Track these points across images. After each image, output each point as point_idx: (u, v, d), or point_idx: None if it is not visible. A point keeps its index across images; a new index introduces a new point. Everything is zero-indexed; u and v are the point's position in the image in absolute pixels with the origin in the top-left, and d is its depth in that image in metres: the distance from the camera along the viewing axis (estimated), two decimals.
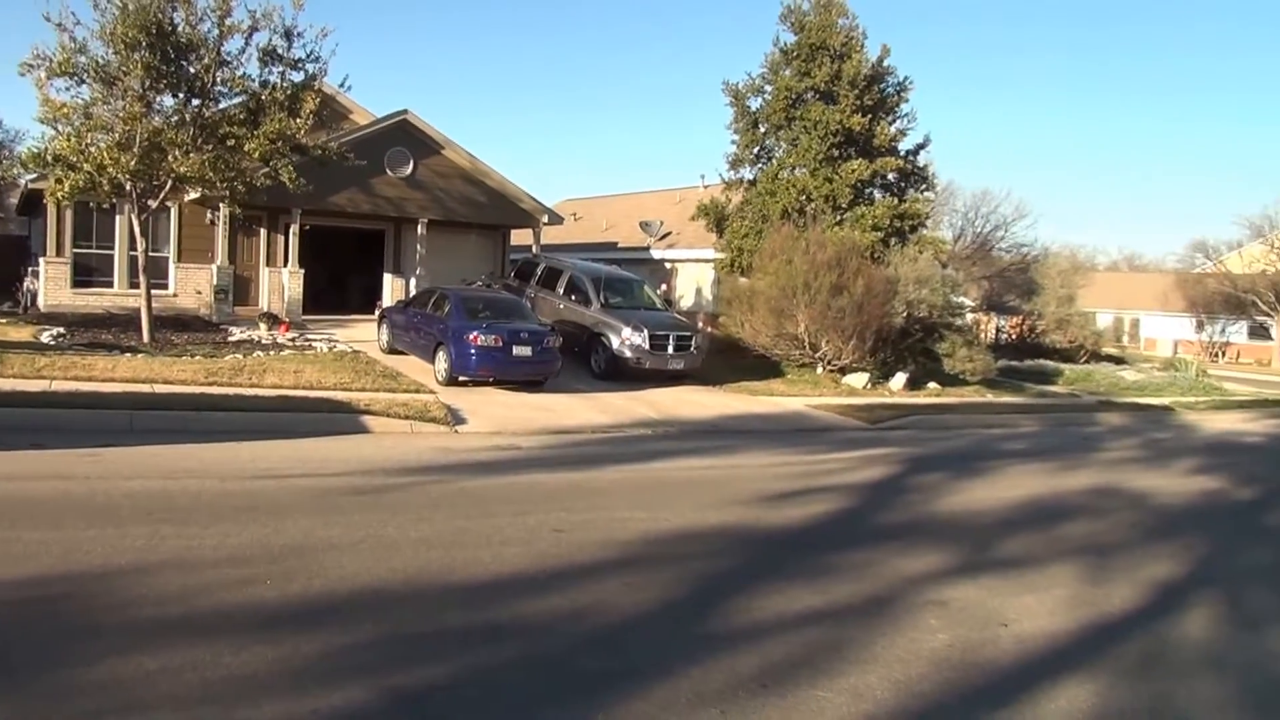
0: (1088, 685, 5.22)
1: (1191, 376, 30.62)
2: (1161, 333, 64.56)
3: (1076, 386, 26.60)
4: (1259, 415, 24.17)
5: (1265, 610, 7.05)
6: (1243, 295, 56.63)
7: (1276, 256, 55.48)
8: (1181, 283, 63.24)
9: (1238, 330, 61.48)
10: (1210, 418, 22.62)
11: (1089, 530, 9.32)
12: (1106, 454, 15.13)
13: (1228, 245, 62.63)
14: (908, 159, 25.22)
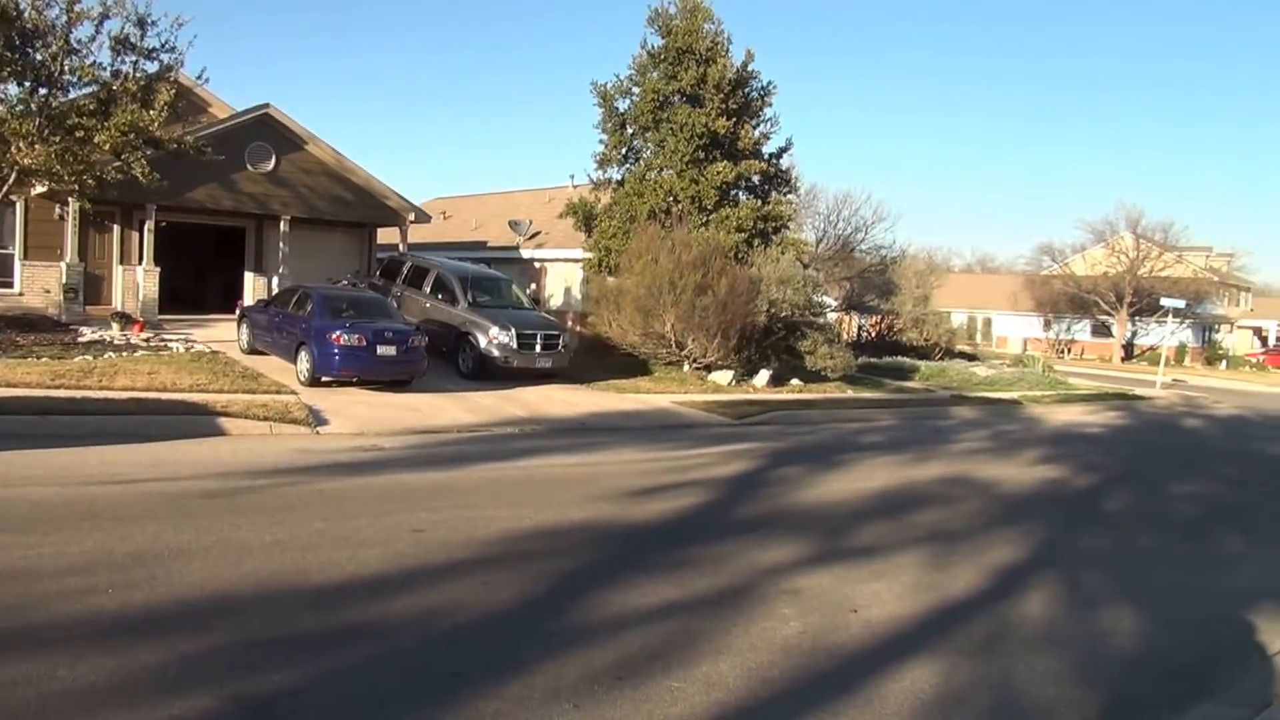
0: (931, 666, 5.46)
1: (1039, 372, 32.32)
2: (1012, 331, 67.80)
3: (931, 382, 27.70)
4: (1100, 408, 25.64)
5: (1099, 590, 7.46)
6: (1086, 296, 60.02)
7: (1117, 260, 58.92)
8: (1030, 284, 66.64)
9: (1082, 328, 65.06)
10: (1055, 411, 23.88)
11: (938, 518, 9.72)
12: (957, 446, 15.81)
13: (1072, 249, 66.23)
14: (771, 162, 25.75)
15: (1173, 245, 61.32)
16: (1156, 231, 61.12)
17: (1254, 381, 47.76)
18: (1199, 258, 65.95)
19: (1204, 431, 21.83)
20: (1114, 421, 22.32)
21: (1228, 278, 71.52)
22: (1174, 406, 28.44)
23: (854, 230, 41.03)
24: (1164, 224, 62.21)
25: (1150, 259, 58.57)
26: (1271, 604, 7.28)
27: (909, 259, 42.75)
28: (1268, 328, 78.91)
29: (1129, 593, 7.40)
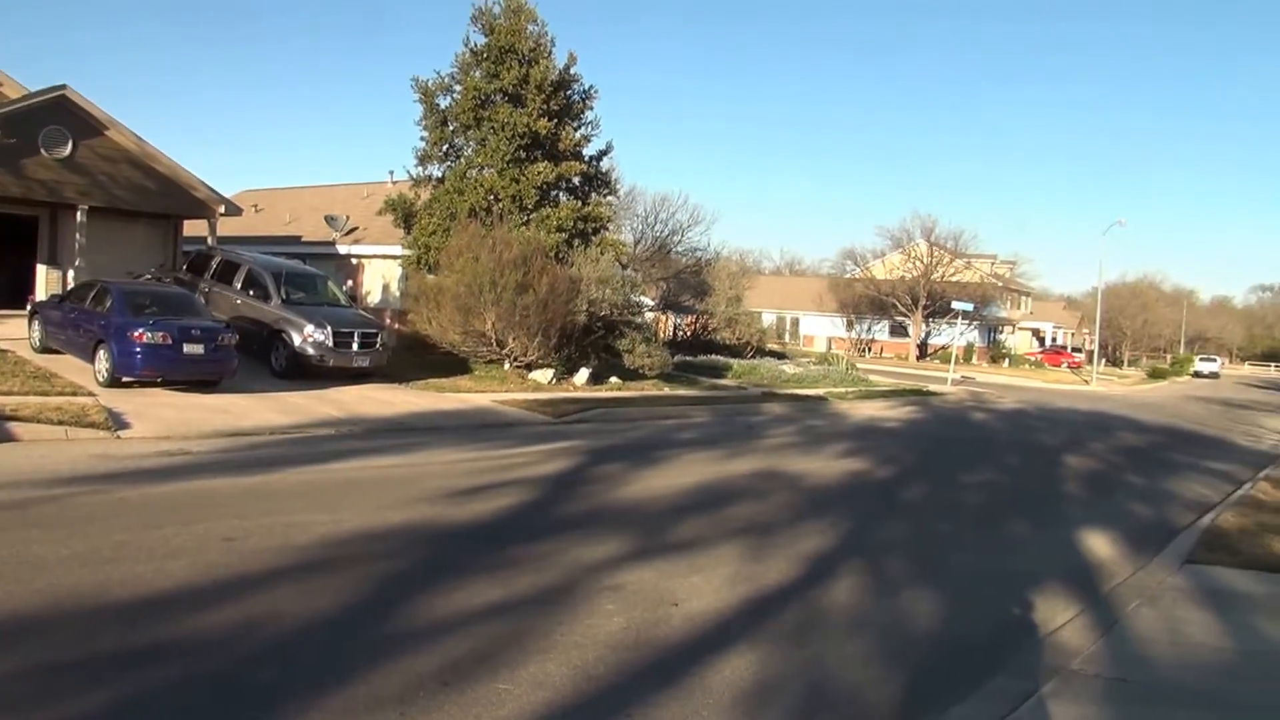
0: (749, 655, 5.69)
1: (842, 370, 33.90)
2: (818, 330, 70.78)
3: (744, 380, 28.63)
4: (898, 403, 27.15)
5: (901, 575, 7.92)
6: (885, 298, 63.35)
7: (912, 265, 62.44)
8: (834, 286, 69.86)
9: (881, 328, 68.63)
10: (857, 406, 25.11)
11: (752, 512, 10.07)
12: (769, 441, 16.40)
13: (873, 254, 69.78)
14: (592, 164, 25.97)
15: (963, 252, 65.52)
16: (948, 239, 65.15)
17: (1033, 378, 51.72)
18: (986, 264, 70.70)
19: (990, 424, 23.44)
20: (911, 416, 23.67)
21: (1011, 283, 77.05)
22: (964, 402, 30.40)
23: (671, 232, 41.94)
24: (955, 232, 66.40)
25: (942, 265, 62.43)
26: (1053, 582, 7.95)
27: (723, 261, 43.97)
28: (1045, 329, 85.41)
29: (927, 576, 7.90)
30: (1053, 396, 37.54)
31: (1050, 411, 29.01)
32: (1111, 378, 60.71)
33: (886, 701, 5.24)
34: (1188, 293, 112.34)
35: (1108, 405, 34.39)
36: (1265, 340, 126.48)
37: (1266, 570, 8.38)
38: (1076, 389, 45.75)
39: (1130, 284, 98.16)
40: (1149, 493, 13.71)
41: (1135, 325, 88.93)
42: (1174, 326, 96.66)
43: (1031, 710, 4.96)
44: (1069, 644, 6.19)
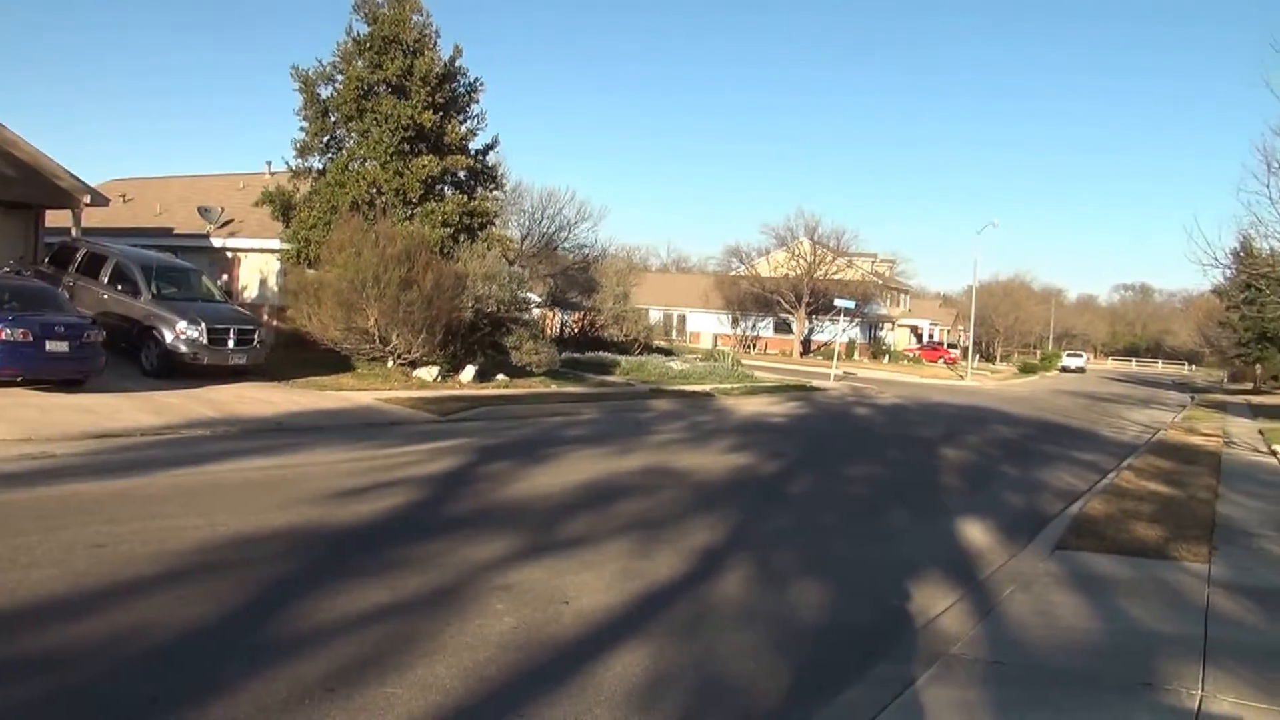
0: (641, 650, 5.71)
1: (728, 366, 34.33)
2: (704, 327, 71.56)
3: (632, 376, 28.74)
4: (782, 399, 27.65)
5: (788, 567, 8.06)
6: (769, 295, 64.43)
7: (796, 263, 63.66)
8: (720, 284, 70.72)
9: (766, 325, 69.80)
10: (743, 402, 25.48)
11: (641, 508, 10.11)
12: (657, 437, 16.50)
13: (757, 251, 70.85)
14: (478, 158, 25.68)
15: (845, 251, 67.18)
16: (830, 238, 66.68)
17: (912, 373, 53.43)
18: (867, 263, 72.64)
19: (871, 419, 24.08)
20: (795, 411, 24.13)
21: (890, 281, 79.30)
22: (846, 397, 31.14)
23: (558, 228, 41.84)
24: (837, 231, 67.99)
25: (825, 263, 63.85)
26: (932, 570, 8.21)
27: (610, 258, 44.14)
28: (923, 326, 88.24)
29: (813, 568, 8.06)
30: (930, 391, 38.81)
31: (928, 406, 29.94)
32: (985, 373, 63.08)
33: (776, 691, 5.33)
34: (1056, 291, 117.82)
35: (982, 399, 35.70)
36: (1127, 336, 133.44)
37: (1130, 554, 8.81)
38: (952, 384, 47.41)
39: (1003, 283, 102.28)
40: (1021, 483, 14.28)
41: (1007, 322, 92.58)
42: (1043, 323, 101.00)
43: (913, 695, 5.09)
44: (948, 630, 6.39)
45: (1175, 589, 7.61)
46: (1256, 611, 7.05)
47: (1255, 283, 26.22)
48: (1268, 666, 5.68)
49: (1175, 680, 5.40)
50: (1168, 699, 5.14)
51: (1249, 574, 8.25)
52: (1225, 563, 8.59)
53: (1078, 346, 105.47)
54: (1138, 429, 26.54)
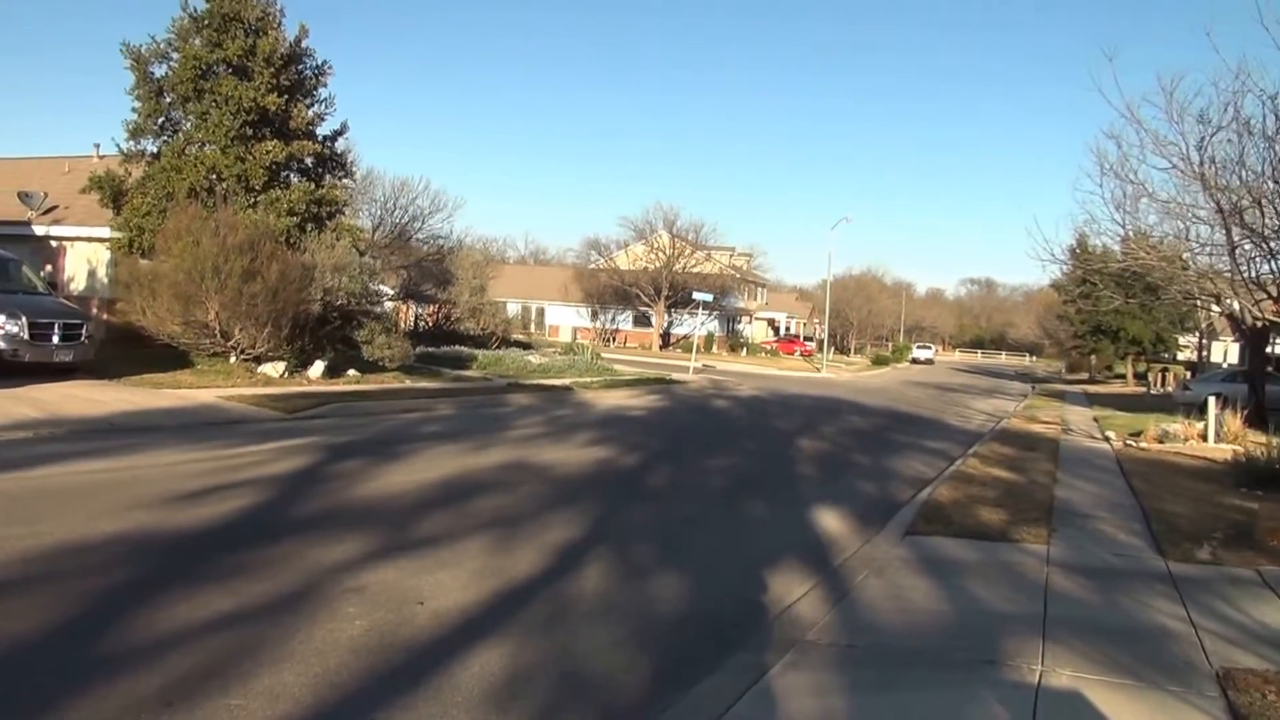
0: (499, 649, 5.57)
1: (588, 359, 34.28)
2: (563, 320, 71.44)
3: (489, 371, 28.37)
4: (642, 392, 27.78)
5: (648, 560, 8.04)
6: (629, 288, 64.77)
7: (655, 256, 64.17)
8: (579, 276, 70.64)
9: (625, 318, 70.20)
10: (603, 395, 25.47)
11: (499, 504, 9.93)
12: (516, 432, 16.29)
13: (616, 244, 71.10)
14: (326, 144, 24.85)
15: (703, 244, 68.13)
16: (689, 231, 67.49)
17: (769, 366, 54.63)
18: (725, 256, 73.88)
19: (730, 411, 24.46)
20: (655, 404, 24.27)
21: (748, 275, 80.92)
22: (705, 389, 31.56)
23: (412, 219, 40.92)
24: (696, 224, 68.86)
25: (684, 256, 64.59)
26: (789, 559, 8.33)
27: (466, 249, 43.45)
28: (780, 319, 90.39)
29: (673, 560, 8.08)
30: (787, 383, 39.72)
31: (785, 397, 30.61)
32: (840, 364, 64.99)
33: (636, 684, 5.28)
34: (906, 285, 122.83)
35: (836, 391, 36.76)
36: (973, 329, 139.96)
37: (976, 538, 9.17)
38: (808, 376, 48.67)
39: (856, 276, 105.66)
40: (874, 471, 14.71)
41: (861, 315, 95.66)
42: (895, 316, 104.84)
43: (769, 682, 5.15)
44: (804, 617, 6.48)
45: (1017, 570, 7.94)
46: (1090, 588, 7.42)
47: (1090, 278, 27.77)
48: (1101, 640, 5.97)
49: (1017, 656, 5.62)
50: (1010, 675, 5.34)
51: (1084, 553, 8.68)
52: (1062, 543, 9.03)
53: (927, 339, 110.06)
54: (983, 418, 27.77)
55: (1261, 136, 10.58)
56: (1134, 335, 54.65)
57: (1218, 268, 14.81)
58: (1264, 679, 5.32)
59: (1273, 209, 10.33)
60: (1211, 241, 13.50)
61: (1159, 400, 35.52)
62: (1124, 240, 17.59)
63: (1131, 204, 15.45)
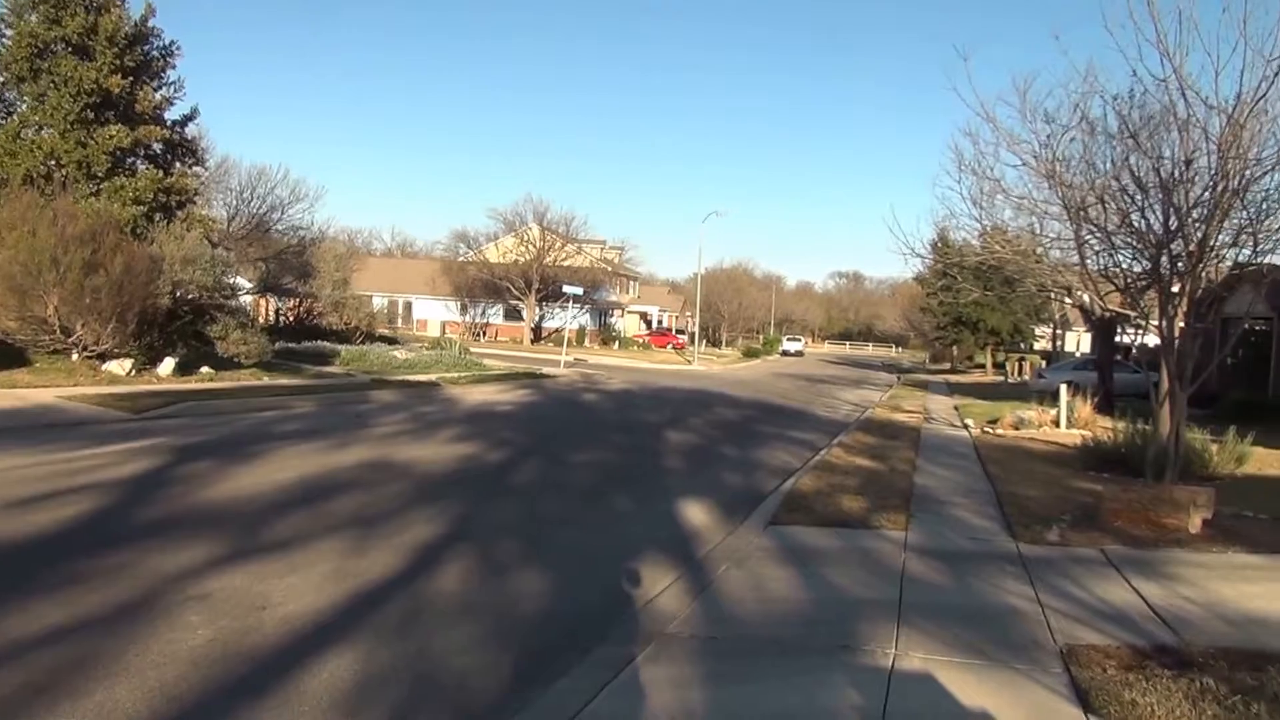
0: (350, 654, 5.39)
1: (456, 354, 33.84)
2: (431, 314, 70.24)
3: (353, 366, 27.69)
4: (511, 387, 27.53)
5: (510, 557, 7.92)
6: (499, 281, 64.12)
7: (526, 249, 63.70)
8: (448, 269, 69.55)
9: (496, 312, 69.53)
10: (471, 390, 25.12)
11: (358, 504, 9.65)
12: (378, 429, 15.90)
13: (486, 236, 70.31)
14: (175, 130, 23.79)
15: (574, 237, 67.98)
16: (560, 224, 67.27)
17: (641, 359, 54.98)
18: (596, 249, 73.87)
19: (600, 405, 24.44)
20: (524, 399, 24.06)
21: (620, 268, 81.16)
22: (575, 383, 31.49)
23: (270, 209, 39.51)
24: (566, 217, 68.64)
25: (555, 249, 64.32)
26: (654, 552, 8.33)
27: (329, 241, 42.29)
28: (652, 312, 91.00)
29: (536, 556, 7.99)
30: (659, 376, 39.96)
31: (656, 390, 30.76)
32: (711, 357, 65.86)
33: (494, 684, 5.18)
34: (777, 278, 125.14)
35: (707, 383, 37.16)
36: (841, 321, 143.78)
37: (837, 526, 9.35)
38: (680, 368, 49.12)
39: (727, 270, 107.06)
40: (741, 462, 14.89)
41: (732, 308, 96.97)
42: (765, 309, 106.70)
43: (629, 676, 5.12)
44: (666, 609, 6.47)
45: (875, 556, 8.13)
46: (945, 572, 7.65)
47: (950, 271, 28.72)
48: (952, 622, 6.15)
49: (872, 641, 5.74)
50: (864, 659, 5.45)
51: (940, 538, 8.95)
52: (920, 529, 9.29)
53: (797, 331, 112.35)
54: (849, 408, 28.48)
55: (1104, 136, 11.07)
56: (993, 326, 57.12)
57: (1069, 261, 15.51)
58: (1105, 654, 5.56)
59: (1115, 206, 10.79)
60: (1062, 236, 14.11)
61: (1016, 388, 37.10)
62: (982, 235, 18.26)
63: (988, 200, 16.03)
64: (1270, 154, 9.71)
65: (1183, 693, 4.90)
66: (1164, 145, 10.24)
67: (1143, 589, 7.12)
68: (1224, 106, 9.53)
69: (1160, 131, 10.30)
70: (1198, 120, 9.77)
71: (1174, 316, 10.28)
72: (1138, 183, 10.51)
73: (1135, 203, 10.63)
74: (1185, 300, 10.28)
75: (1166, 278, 10.29)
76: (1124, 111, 10.63)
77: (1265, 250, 10.95)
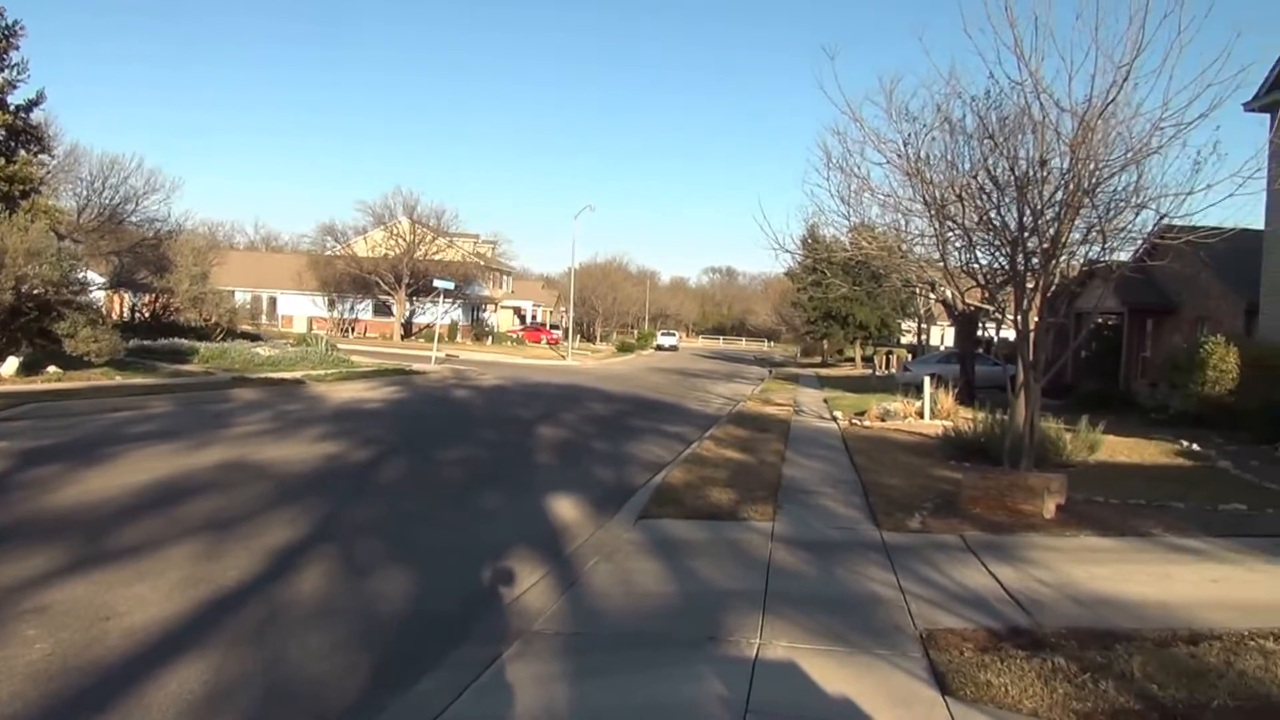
0: (201, 663, 5.17)
1: (323, 351, 32.92)
2: (297, 310, 68.18)
3: (213, 365, 26.70)
4: (380, 384, 26.93)
5: (373, 558, 7.73)
6: (368, 276, 62.62)
7: (395, 243, 62.35)
8: (314, 263, 67.57)
9: (365, 308, 67.91)
10: (337, 388, 24.45)
11: (215, 507, 9.28)
12: (239, 429, 15.31)
13: (354, 230, 68.50)
14: (19, 115, 22.44)
15: (445, 231, 66.89)
16: (431, 217, 66.11)
17: (515, 355, 54.48)
18: (468, 243, 72.92)
19: (472, 401, 24.10)
20: (393, 396, 23.55)
21: (493, 262, 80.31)
22: (447, 380, 30.99)
23: (124, 200, 37.70)
24: (437, 210, 67.53)
25: (425, 243, 63.15)
26: (522, 549, 8.24)
27: (187, 234, 40.61)
28: (526, 307, 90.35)
29: (400, 556, 7.81)
30: (532, 372, 39.68)
31: (529, 386, 30.51)
32: (586, 353, 65.68)
33: (352, 689, 5.04)
34: (651, 273, 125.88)
35: (582, 378, 37.04)
36: (715, 316, 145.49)
37: (706, 518, 9.43)
38: (554, 364, 48.88)
39: (601, 265, 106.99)
40: (613, 457, 14.87)
41: (607, 303, 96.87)
42: (640, 304, 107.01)
43: (493, 675, 5.05)
44: (533, 606, 6.41)
45: (743, 547, 8.22)
46: (810, 562, 7.79)
47: (820, 267, 29.30)
48: (818, 610, 6.27)
49: (738, 632, 5.80)
50: (729, 650, 5.50)
51: (806, 528, 9.11)
52: (787, 520, 9.44)
53: (671, 326, 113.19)
54: (721, 401, 28.78)
55: (964, 136, 11.43)
56: (861, 321, 58.73)
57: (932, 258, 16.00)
58: (962, 637, 5.74)
59: (975, 204, 11.15)
60: (926, 234, 14.55)
61: (883, 381, 38.17)
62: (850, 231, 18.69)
63: (856, 197, 16.43)
64: (1119, 155, 10.15)
65: (1035, 672, 5.08)
66: (1020, 146, 10.62)
67: (999, 573, 7.38)
68: (1076, 109, 9.93)
69: (1017, 133, 10.68)
70: (1052, 122, 10.17)
71: (1029, 311, 10.68)
72: (995, 182, 10.88)
73: (993, 201, 11.00)
74: (1040, 295, 10.69)
75: (1022, 273, 10.68)
76: (982, 112, 11.01)
77: (1113, 247, 11.49)
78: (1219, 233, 10.88)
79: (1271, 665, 5.21)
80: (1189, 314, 25.06)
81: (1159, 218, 10.61)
